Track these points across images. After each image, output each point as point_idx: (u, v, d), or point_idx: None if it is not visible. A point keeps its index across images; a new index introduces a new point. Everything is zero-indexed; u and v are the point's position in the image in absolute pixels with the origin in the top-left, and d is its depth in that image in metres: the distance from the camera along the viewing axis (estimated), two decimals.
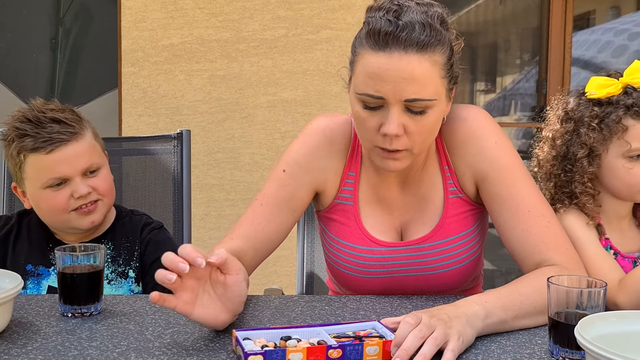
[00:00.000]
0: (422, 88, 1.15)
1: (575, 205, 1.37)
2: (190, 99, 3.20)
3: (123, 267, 1.52)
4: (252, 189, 3.19)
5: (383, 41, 1.14)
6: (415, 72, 1.14)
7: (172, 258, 1.00)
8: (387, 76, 1.14)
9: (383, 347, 0.96)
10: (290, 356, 0.92)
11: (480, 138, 1.30)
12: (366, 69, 1.17)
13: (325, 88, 3.18)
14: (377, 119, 1.19)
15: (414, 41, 1.13)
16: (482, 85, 4.36)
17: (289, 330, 1.01)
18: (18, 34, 3.37)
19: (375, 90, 1.16)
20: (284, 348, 0.93)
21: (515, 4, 4.05)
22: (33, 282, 1.50)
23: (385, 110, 1.18)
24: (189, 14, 3.18)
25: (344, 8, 3.15)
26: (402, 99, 1.15)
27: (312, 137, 1.36)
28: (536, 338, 1.09)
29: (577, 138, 1.35)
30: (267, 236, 1.33)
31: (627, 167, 1.32)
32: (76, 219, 1.45)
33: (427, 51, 1.14)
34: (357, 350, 0.94)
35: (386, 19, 1.14)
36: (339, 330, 1.03)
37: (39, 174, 1.43)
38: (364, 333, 1.02)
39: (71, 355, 1.01)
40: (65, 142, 1.42)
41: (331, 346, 0.94)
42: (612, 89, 1.33)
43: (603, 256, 1.31)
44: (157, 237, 1.56)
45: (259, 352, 0.91)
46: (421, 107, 1.17)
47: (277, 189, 1.34)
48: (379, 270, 1.34)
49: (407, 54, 1.14)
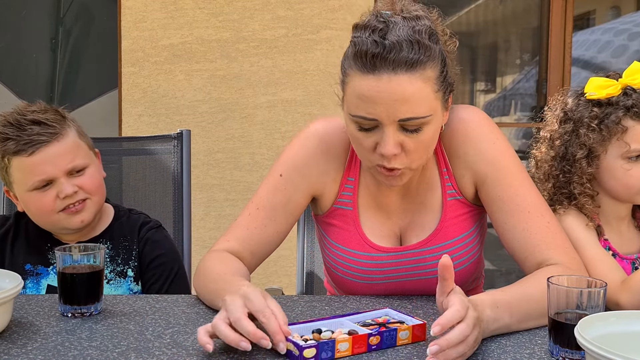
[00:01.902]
0: (416, 107, 1.13)
1: (574, 206, 1.37)
2: (190, 99, 3.20)
3: (122, 266, 1.52)
4: (252, 188, 3.19)
5: (371, 64, 1.11)
6: (407, 92, 1.11)
7: (248, 332, 0.96)
8: (379, 98, 1.12)
9: (412, 331, 1.05)
10: (339, 346, 0.97)
11: (478, 139, 1.29)
12: (356, 91, 1.14)
13: (325, 88, 3.17)
14: (373, 139, 1.17)
15: (403, 61, 1.10)
16: (482, 85, 4.36)
17: (314, 324, 1.06)
18: (18, 34, 3.37)
19: (367, 113, 1.14)
20: (333, 339, 0.98)
21: (515, 4, 4.05)
22: (32, 282, 1.50)
23: (380, 130, 1.16)
24: (189, 14, 3.17)
25: (344, 8, 3.15)
26: (396, 119, 1.13)
27: (310, 142, 1.34)
28: (536, 338, 1.09)
29: (576, 138, 1.35)
30: (263, 240, 1.33)
31: (626, 168, 1.32)
32: (65, 219, 1.45)
33: (417, 69, 1.12)
34: (392, 335, 1.03)
35: (372, 40, 1.11)
36: (358, 319, 1.09)
37: (24, 177, 1.42)
38: (383, 320, 1.10)
39: (71, 355, 1.01)
40: (45, 143, 1.41)
41: (371, 334, 1.01)
42: (612, 90, 1.33)
43: (603, 257, 1.31)
44: (155, 236, 1.56)
45: (312, 344, 0.96)
46: (416, 125, 1.15)
47: (274, 193, 1.33)
48: (379, 276, 1.34)
49: (396, 75, 1.11)
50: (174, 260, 1.56)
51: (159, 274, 1.52)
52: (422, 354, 1.02)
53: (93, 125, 1.55)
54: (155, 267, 1.53)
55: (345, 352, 0.98)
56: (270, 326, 0.97)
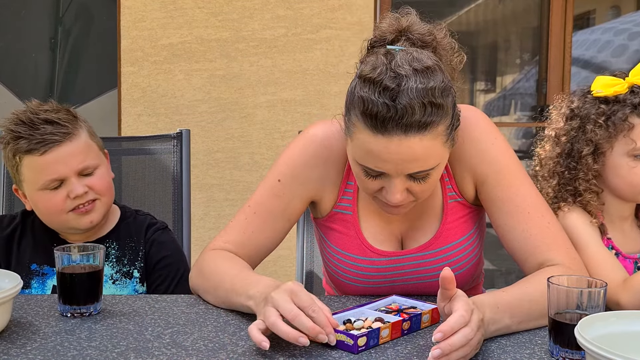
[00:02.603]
0: (425, 162, 1.13)
1: (579, 203, 1.37)
2: (189, 98, 3.20)
3: (128, 267, 1.52)
4: (251, 188, 3.18)
5: (381, 126, 1.09)
6: (417, 152, 1.11)
7: (306, 328, 0.99)
8: (388, 158, 1.11)
9: (432, 314, 1.15)
10: (382, 332, 1.07)
11: (478, 139, 1.28)
12: (364, 146, 1.13)
13: (325, 88, 3.17)
14: (378, 183, 1.18)
15: (415, 124, 1.09)
16: (482, 85, 4.36)
17: (338, 315, 1.12)
18: (17, 34, 3.37)
19: (375, 166, 1.14)
20: (378, 327, 1.06)
21: (515, 4, 4.05)
22: (38, 282, 1.50)
23: (387, 177, 1.16)
24: (189, 14, 3.17)
25: (344, 7, 3.15)
26: (404, 173, 1.14)
27: (308, 147, 1.33)
28: (536, 338, 1.09)
29: (583, 135, 1.35)
30: (259, 244, 1.33)
31: (631, 166, 1.33)
32: (74, 219, 1.45)
33: (428, 130, 1.10)
34: (418, 320, 1.13)
35: (383, 102, 1.08)
36: (375, 307, 1.19)
37: (35, 176, 1.42)
38: (395, 306, 1.20)
39: (70, 355, 1.00)
40: (58, 142, 1.41)
41: (404, 319, 1.11)
42: (619, 88, 1.34)
43: (605, 255, 1.31)
44: (161, 237, 1.56)
45: (363, 333, 1.03)
46: (424, 175, 1.15)
47: (271, 198, 1.32)
48: (380, 280, 1.34)
49: (407, 137, 1.09)
50: (180, 261, 1.56)
51: (165, 275, 1.52)
52: (421, 354, 1.02)
53: (93, 124, 1.54)
54: (162, 269, 1.53)
55: (386, 338, 1.08)
56: (319, 319, 1.00)
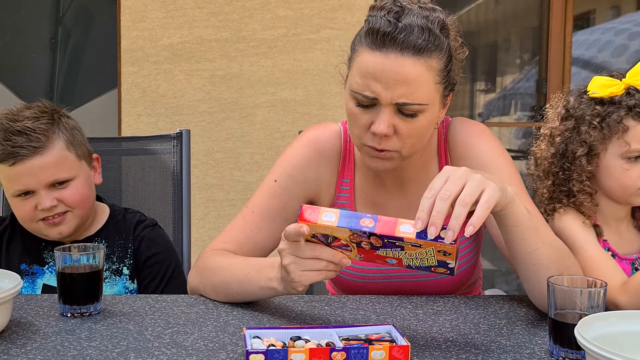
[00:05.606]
0: (415, 91, 1.16)
1: (573, 205, 1.37)
2: (189, 98, 3.20)
3: (117, 264, 1.52)
4: (251, 188, 3.18)
5: (380, 41, 1.15)
6: (409, 75, 1.15)
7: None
8: (381, 76, 1.15)
9: (390, 351, 0.95)
10: (292, 356, 0.92)
11: (482, 150, 1.31)
12: (362, 67, 1.18)
13: (325, 88, 3.17)
14: (368, 117, 1.20)
15: (411, 44, 1.14)
16: (482, 85, 4.35)
17: (301, 331, 1.01)
18: (17, 34, 3.37)
19: (369, 91, 1.17)
20: (286, 348, 0.93)
21: (515, 4, 4.05)
22: (28, 281, 1.50)
23: (377, 109, 1.19)
24: (189, 14, 3.17)
25: (344, 8, 3.15)
26: (394, 101, 1.16)
27: (302, 149, 1.37)
28: (536, 338, 1.09)
29: (577, 136, 1.35)
30: (258, 243, 1.34)
31: (624, 168, 1.32)
32: (45, 229, 1.46)
33: (423, 55, 1.15)
34: (362, 353, 0.94)
35: (386, 19, 1.15)
36: (351, 332, 1.02)
37: (7, 183, 1.44)
38: (377, 337, 1.01)
39: (70, 355, 1.00)
40: (28, 156, 1.40)
41: (334, 348, 0.93)
42: (615, 89, 1.33)
43: (602, 257, 1.31)
44: (150, 234, 1.56)
45: (260, 350, 0.92)
46: (412, 111, 1.18)
47: (269, 199, 1.35)
48: (377, 276, 1.35)
49: (402, 56, 1.14)
50: (170, 257, 1.56)
51: (155, 272, 1.53)
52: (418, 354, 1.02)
53: (92, 125, 1.54)
54: (151, 265, 1.53)
55: None
56: (329, 252, 1.04)
